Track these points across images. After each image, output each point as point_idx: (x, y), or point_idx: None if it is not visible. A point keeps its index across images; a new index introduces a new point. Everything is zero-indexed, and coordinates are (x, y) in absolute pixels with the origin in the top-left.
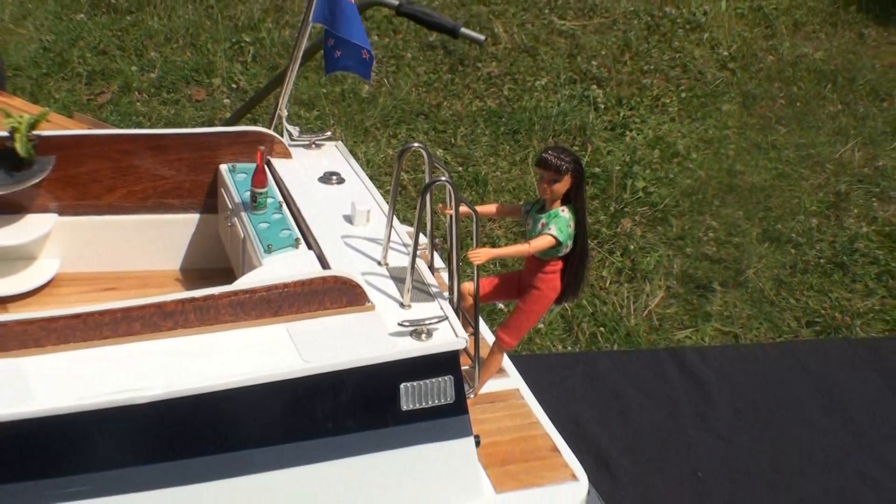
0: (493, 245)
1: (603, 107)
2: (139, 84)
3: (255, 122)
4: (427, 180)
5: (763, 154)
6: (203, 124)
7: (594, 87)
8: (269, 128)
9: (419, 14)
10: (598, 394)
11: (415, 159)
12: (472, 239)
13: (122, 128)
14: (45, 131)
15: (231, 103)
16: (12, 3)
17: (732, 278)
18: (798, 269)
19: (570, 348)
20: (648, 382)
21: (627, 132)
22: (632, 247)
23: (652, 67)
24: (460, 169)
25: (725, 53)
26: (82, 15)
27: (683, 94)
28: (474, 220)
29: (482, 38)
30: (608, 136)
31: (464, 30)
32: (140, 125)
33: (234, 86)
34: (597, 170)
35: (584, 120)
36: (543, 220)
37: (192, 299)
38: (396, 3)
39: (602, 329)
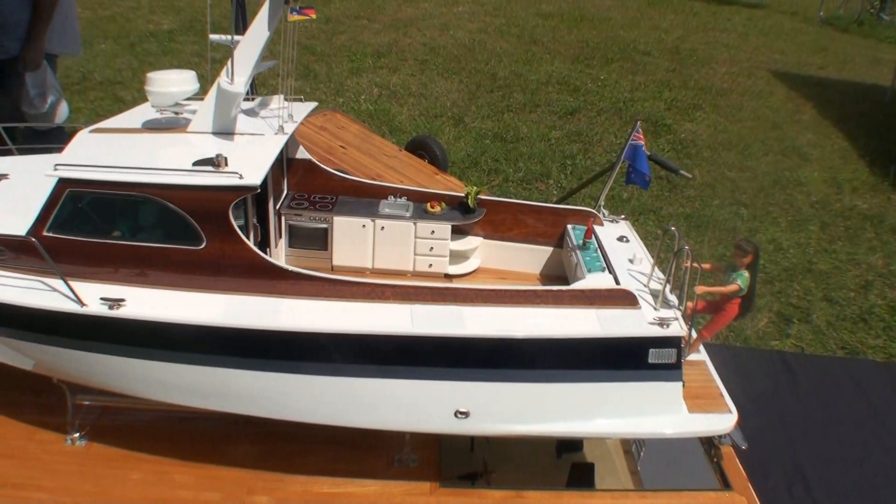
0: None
1: (747, 220)
2: (513, 178)
3: (567, 203)
4: (676, 248)
5: (827, 255)
6: (544, 202)
7: (742, 209)
8: (593, 208)
9: (660, 160)
10: (735, 368)
11: (647, 230)
12: (690, 279)
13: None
14: (481, 196)
15: (557, 193)
16: (448, 130)
17: (804, 318)
18: (839, 318)
19: (718, 343)
20: (759, 365)
21: (758, 235)
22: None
23: (775, 203)
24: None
25: (814, 199)
26: (488, 141)
27: (789, 219)
28: (699, 271)
29: (690, 175)
30: (749, 235)
31: (681, 171)
32: (512, 198)
33: (560, 184)
34: None
35: (736, 226)
36: (734, 276)
37: (550, 290)
38: (648, 153)
39: (732, 334)
